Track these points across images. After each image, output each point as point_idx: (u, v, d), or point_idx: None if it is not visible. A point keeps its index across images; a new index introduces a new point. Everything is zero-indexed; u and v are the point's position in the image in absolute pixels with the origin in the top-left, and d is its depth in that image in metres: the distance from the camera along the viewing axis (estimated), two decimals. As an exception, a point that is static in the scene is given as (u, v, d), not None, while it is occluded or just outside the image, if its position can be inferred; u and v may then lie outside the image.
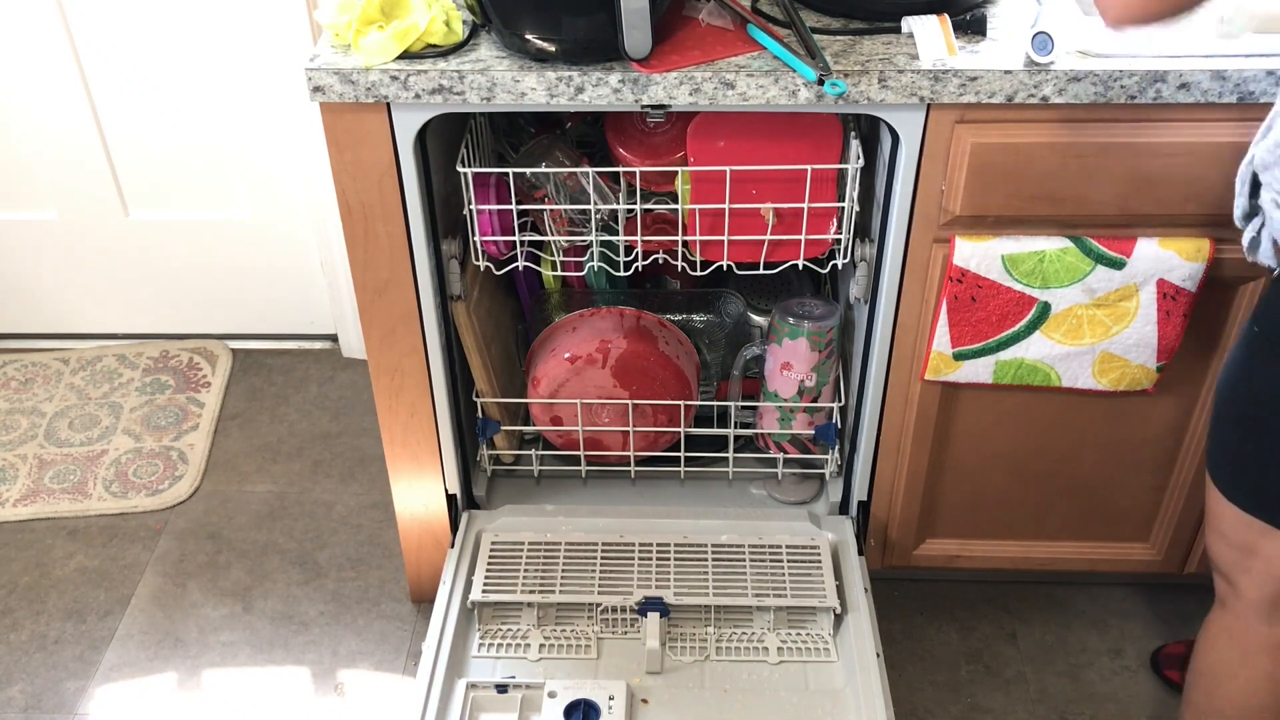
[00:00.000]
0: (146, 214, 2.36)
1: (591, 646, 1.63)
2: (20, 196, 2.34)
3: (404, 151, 1.41)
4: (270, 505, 2.12)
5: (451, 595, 1.66)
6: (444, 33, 1.36)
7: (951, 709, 1.75)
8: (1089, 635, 1.85)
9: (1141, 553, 1.75)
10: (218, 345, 2.50)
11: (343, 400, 2.36)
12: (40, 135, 2.25)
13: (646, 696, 1.56)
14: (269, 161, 2.25)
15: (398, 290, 1.53)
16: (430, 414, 1.66)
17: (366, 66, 1.33)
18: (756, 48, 1.37)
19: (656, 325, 1.78)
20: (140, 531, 2.07)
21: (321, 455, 2.23)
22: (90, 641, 1.88)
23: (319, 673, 1.83)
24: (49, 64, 2.15)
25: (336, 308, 2.41)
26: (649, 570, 1.69)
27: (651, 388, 1.76)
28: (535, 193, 1.59)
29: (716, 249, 1.56)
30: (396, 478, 1.75)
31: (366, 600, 1.94)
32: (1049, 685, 1.78)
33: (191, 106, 2.20)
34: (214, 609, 1.93)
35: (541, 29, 1.31)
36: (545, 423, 1.82)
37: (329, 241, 2.27)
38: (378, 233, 1.48)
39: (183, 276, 2.44)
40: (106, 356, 2.47)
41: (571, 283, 1.86)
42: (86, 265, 2.43)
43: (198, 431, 2.27)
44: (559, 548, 1.73)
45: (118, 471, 2.19)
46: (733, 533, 1.75)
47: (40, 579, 1.98)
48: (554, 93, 1.34)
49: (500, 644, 1.63)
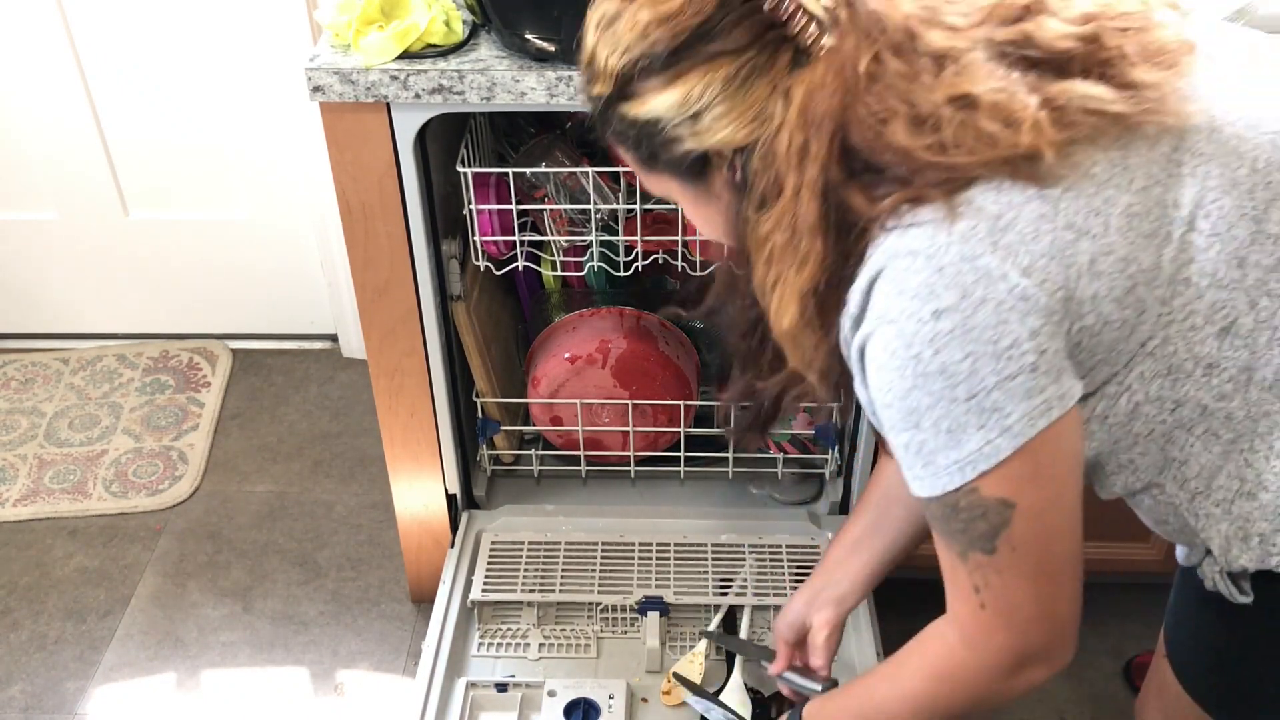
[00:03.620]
0: (146, 214, 2.36)
1: (591, 646, 1.63)
2: (20, 196, 2.34)
3: (404, 151, 1.41)
4: (270, 505, 2.12)
5: (451, 595, 1.66)
6: (444, 33, 1.36)
7: (951, 709, 1.75)
8: (1089, 635, 1.84)
9: (1141, 553, 1.75)
10: (218, 345, 2.50)
11: (343, 400, 2.36)
12: (40, 135, 2.25)
13: (646, 696, 1.56)
14: (269, 161, 2.25)
15: (398, 290, 1.53)
16: (430, 414, 1.66)
17: (366, 66, 1.33)
18: (756, 48, 1.36)
19: (656, 325, 1.78)
20: (140, 531, 2.07)
21: (321, 455, 2.23)
22: (90, 641, 1.88)
23: (319, 673, 1.83)
24: (49, 64, 2.15)
25: (336, 308, 2.41)
26: (649, 570, 1.69)
27: (651, 388, 1.76)
28: (535, 193, 1.59)
29: (717, 249, 1.55)
30: (396, 478, 1.75)
31: (366, 600, 1.94)
32: (1049, 685, 1.78)
33: (191, 106, 2.20)
34: (214, 609, 1.93)
35: (541, 29, 1.31)
36: (545, 423, 1.82)
37: (329, 241, 2.27)
38: (378, 233, 1.48)
39: (183, 276, 2.44)
40: (106, 356, 2.47)
41: (571, 283, 1.86)
42: (86, 265, 2.43)
43: (198, 431, 2.28)
44: (559, 547, 1.73)
45: (118, 471, 2.19)
46: (733, 533, 1.75)
47: (40, 579, 1.98)
48: (554, 93, 1.34)
49: (500, 643, 1.63)
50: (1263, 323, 0.81)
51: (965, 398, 0.78)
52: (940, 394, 0.79)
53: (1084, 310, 0.79)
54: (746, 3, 0.80)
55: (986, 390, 0.78)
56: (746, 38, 0.80)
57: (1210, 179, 0.80)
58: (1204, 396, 0.83)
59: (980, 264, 0.76)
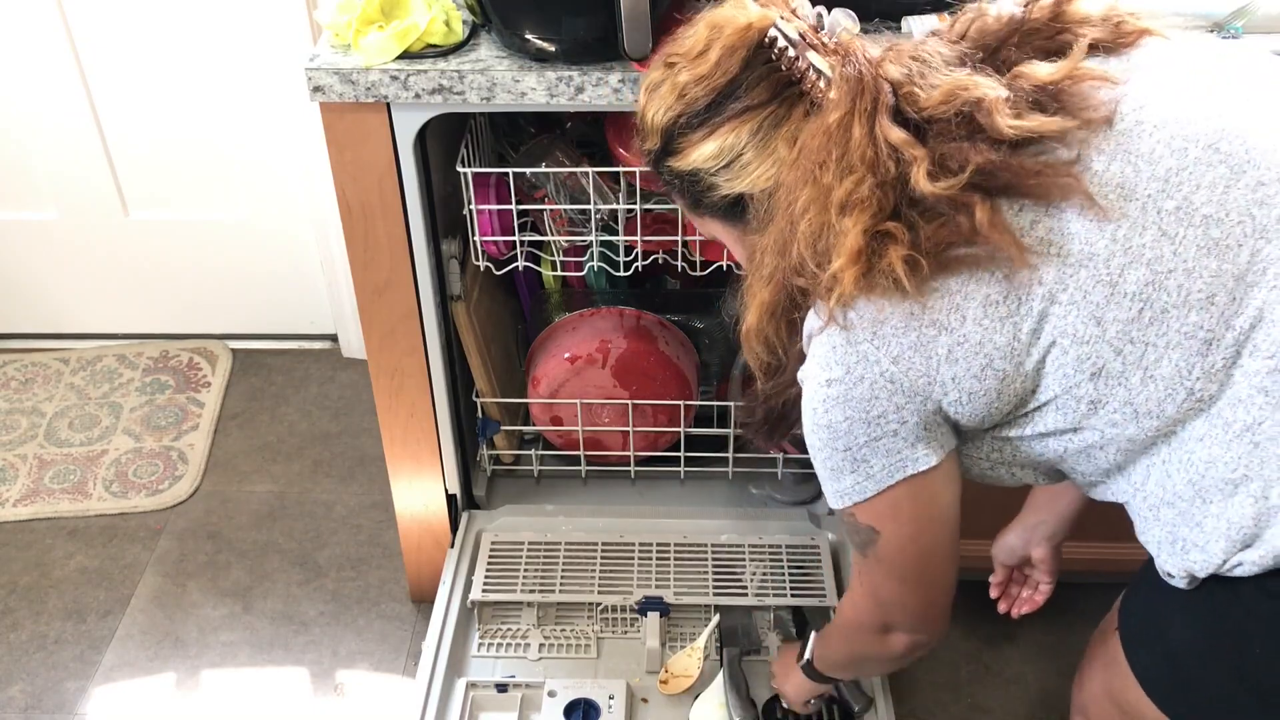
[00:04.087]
0: (146, 214, 2.36)
1: (591, 646, 1.63)
2: (20, 196, 2.34)
3: (404, 151, 1.41)
4: (270, 505, 2.12)
5: (451, 595, 1.66)
6: (444, 33, 1.36)
7: (951, 709, 1.75)
8: (1089, 635, 1.85)
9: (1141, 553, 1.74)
10: (218, 345, 2.50)
11: (343, 400, 2.36)
12: (40, 135, 2.25)
13: (646, 696, 1.56)
14: (269, 161, 2.25)
15: (398, 290, 1.53)
16: (430, 414, 1.66)
17: (366, 66, 1.33)
18: (756, 48, 1.37)
19: (656, 325, 1.78)
20: (140, 531, 2.07)
21: (321, 455, 2.23)
22: (90, 641, 1.88)
23: (319, 673, 1.83)
24: (49, 64, 2.15)
25: (336, 308, 2.41)
26: (649, 570, 1.69)
27: (651, 388, 1.76)
28: (535, 193, 1.59)
29: (716, 249, 1.56)
30: (396, 478, 1.75)
31: (366, 600, 1.94)
32: (1049, 685, 1.78)
33: (191, 106, 2.19)
34: (214, 609, 1.93)
35: (541, 29, 1.31)
36: (545, 423, 1.82)
37: (329, 241, 2.27)
38: (378, 233, 1.48)
39: (183, 276, 2.44)
40: (106, 356, 2.47)
41: (571, 283, 1.86)
42: (86, 265, 2.43)
43: (198, 431, 2.28)
44: (559, 547, 1.73)
45: (118, 471, 2.19)
46: (733, 533, 1.76)
47: (40, 579, 1.98)
48: (554, 93, 1.34)
49: (500, 643, 1.63)
50: (1131, 364, 0.91)
51: (843, 449, 0.98)
52: (826, 442, 0.99)
53: (947, 389, 0.94)
54: (766, 63, 0.97)
55: (859, 446, 0.97)
56: (767, 94, 0.97)
57: (1068, 264, 0.90)
58: (1098, 423, 0.94)
59: (861, 349, 0.94)
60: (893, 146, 0.90)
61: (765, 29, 0.98)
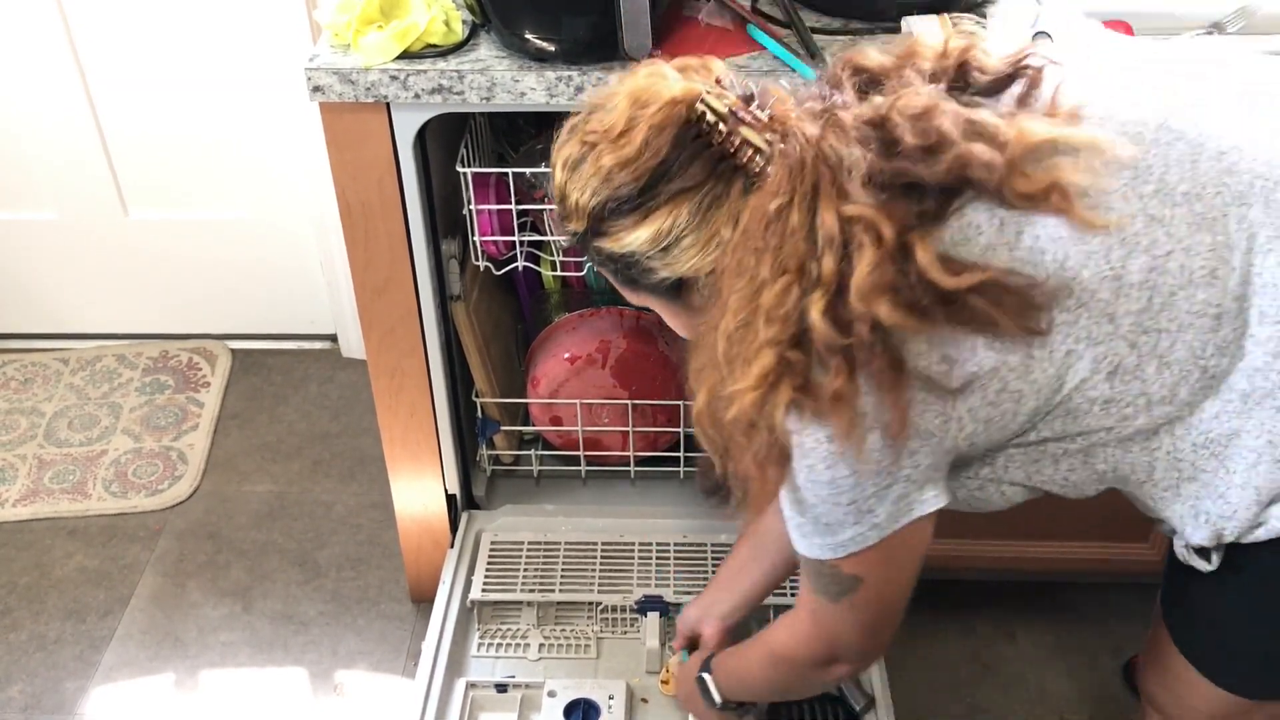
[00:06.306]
0: (146, 214, 2.36)
1: (591, 646, 1.63)
2: (20, 196, 2.34)
3: (404, 151, 1.41)
4: (270, 505, 2.12)
5: (451, 595, 1.66)
6: (444, 33, 1.36)
7: (951, 709, 1.75)
8: (1089, 635, 1.85)
9: (1141, 553, 1.75)
10: (217, 345, 2.50)
11: (342, 400, 2.36)
12: (40, 135, 2.25)
13: (646, 696, 1.56)
14: (269, 161, 2.25)
15: (398, 290, 1.53)
16: (430, 414, 1.66)
17: (366, 66, 1.33)
18: (756, 48, 1.37)
19: (656, 325, 1.78)
20: (140, 531, 2.07)
21: (321, 455, 2.23)
22: (90, 641, 1.88)
23: (318, 673, 1.83)
24: (49, 64, 2.15)
25: (336, 308, 2.41)
26: (649, 570, 1.69)
27: (651, 388, 1.76)
28: (535, 193, 1.59)
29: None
30: (396, 478, 1.75)
31: (366, 600, 1.94)
32: (1049, 685, 1.78)
33: (191, 106, 2.19)
34: (214, 609, 1.93)
35: (541, 29, 1.31)
36: (545, 423, 1.82)
37: (329, 241, 2.27)
38: (378, 233, 1.48)
39: (182, 276, 2.44)
40: (106, 356, 2.47)
41: (571, 283, 1.86)
42: (86, 265, 2.43)
43: (197, 431, 2.28)
44: (559, 547, 1.73)
45: (117, 471, 2.19)
46: (732, 533, 1.75)
47: (40, 579, 1.98)
48: (554, 93, 1.34)
49: (500, 643, 1.63)
50: (1146, 355, 0.89)
51: (847, 503, 0.92)
52: (827, 498, 0.92)
53: (964, 422, 0.90)
54: (697, 139, 0.90)
55: (865, 498, 0.91)
56: (703, 173, 0.90)
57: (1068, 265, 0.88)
58: (1107, 421, 0.93)
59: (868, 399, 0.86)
60: (829, 237, 0.85)
61: (692, 102, 0.90)
